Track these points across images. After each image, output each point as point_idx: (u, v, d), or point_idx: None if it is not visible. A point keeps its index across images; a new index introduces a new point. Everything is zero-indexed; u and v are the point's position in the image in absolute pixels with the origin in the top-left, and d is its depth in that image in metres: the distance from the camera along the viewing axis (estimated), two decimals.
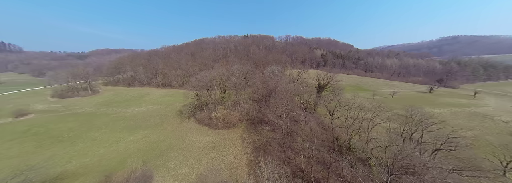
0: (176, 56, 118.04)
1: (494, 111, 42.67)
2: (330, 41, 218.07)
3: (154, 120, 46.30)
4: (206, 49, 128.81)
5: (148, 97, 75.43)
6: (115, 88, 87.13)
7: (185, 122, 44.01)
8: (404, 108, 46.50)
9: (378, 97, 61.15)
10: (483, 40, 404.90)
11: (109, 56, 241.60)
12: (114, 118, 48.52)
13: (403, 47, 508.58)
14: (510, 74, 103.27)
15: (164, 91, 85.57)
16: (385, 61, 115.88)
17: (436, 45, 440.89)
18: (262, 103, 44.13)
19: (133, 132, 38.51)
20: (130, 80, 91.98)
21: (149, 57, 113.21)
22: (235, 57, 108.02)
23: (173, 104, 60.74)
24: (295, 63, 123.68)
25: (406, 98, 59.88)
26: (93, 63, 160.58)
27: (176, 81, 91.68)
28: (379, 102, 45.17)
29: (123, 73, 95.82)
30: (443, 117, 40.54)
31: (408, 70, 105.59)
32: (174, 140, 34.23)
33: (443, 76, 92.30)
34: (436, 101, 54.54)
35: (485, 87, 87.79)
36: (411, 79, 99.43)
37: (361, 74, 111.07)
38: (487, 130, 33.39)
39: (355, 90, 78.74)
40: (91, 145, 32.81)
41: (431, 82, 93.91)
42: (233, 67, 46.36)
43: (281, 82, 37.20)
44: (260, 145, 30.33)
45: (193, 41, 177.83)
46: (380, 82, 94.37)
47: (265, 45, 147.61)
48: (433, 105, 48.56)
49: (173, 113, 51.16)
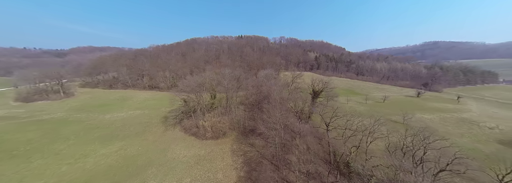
0: (165, 57, 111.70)
1: (478, 116, 44.13)
2: (323, 44, 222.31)
3: (134, 128, 41.65)
4: (198, 50, 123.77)
5: (131, 100, 69.42)
6: (93, 91, 79.42)
7: (170, 130, 40.00)
8: (397, 113, 46.91)
9: (370, 102, 61.51)
10: (459, 46, 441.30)
11: (92, 54, 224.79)
12: (87, 125, 43.01)
13: (390, 50, 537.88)
14: (485, 79, 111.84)
15: (150, 94, 79.70)
16: (375, 65, 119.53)
17: (419, 49, 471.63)
18: (254, 109, 41.60)
19: (107, 144, 33.85)
20: (112, 81, 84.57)
21: (135, 57, 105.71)
22: (228, 58, 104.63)
23: (159, 109, 55.91)
24: (289, 66, 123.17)
25: (397, 103, 60.86)
26: (73, 62, 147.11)
27: (164, 83, 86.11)
28: (375, 112, 45.71)
29: (104, 74, 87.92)
30: (432, 122, 41.03)
31: (396, 74, 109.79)
32: (154, 153, 30.34)
33: (428, 80, 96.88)
34: (425, 106, 55.88)
35: (465, 91, 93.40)
36: (399, 83, 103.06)
37: (353, 77, 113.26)
38: (475, 137, 33.78)
39: (348, 94, 79.30)
40: (52, 161, 27.86)
41: (417, 86, 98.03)
42: (224, 71, 43.24)
43: (274, 89, 34.91)
44: (251, 158, 27.64)
45: (185, 41, 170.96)
46: (371, 86, 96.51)
47: (259, 46, 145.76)
48: (423, 110, 49.38)
49: (157, 119, 46.71)
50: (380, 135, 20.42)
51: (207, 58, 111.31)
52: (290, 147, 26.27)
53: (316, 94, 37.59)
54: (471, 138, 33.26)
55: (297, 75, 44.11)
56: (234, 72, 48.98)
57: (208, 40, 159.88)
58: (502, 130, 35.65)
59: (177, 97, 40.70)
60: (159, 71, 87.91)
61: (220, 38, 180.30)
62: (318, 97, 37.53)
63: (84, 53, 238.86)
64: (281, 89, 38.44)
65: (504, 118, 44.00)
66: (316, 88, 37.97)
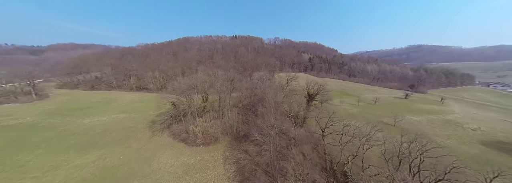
0: (155, 56, 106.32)
1: (462, 118, 46.44)
2: (317, 45, 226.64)
3: (117, 134, 38.19)
4: (190, 49, 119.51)
5: (115, 102, 64.61)
6: (72, 92, 72.95)
7: (157, 136, 37.18)
8: (388, 115, 47.94)
9: (363, 103, 62.70)
10: (440, 50, 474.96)
11: (74, 52, 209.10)
12: (62, 132, 38.75)
13: (378, 53, 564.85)
14: (464, 81, 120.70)
15: (138, 95, 74.99)
16: (366, 67, 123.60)
17: (405, 52, 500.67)
18: (248, 112, 40.07)
19: (83, 152, 30.40)
20: (94, 82, 78.33)
21: (121, 56, 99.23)
22: (222, 59, 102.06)
23: (146, 112, 52.27)
24: (283, 67, 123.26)
25: (387, 104, 62.64)
26: (51, 60, 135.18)
27: (153, 84, 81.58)
28: (367, 114, 46.10)
29: (85, 74, 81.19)
30: (421, 124, 42.37)
31: (385, 76, 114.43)
32: (138, 163, 27.65)
33: (414, 82, 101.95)
34: (413, 107, 58.04)
35: (447, 93, 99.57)
36: (388, 84, 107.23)
37: (345, 79, 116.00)
38: (460, 138, 35.11)
39: (341, 95, 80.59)
40: (13, 175, 24.20)
41: (404, 87, 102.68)
42: (217, 73, 41.20)
43: (269, 93, 33.65)
44: (245, 166, 26.08)
45: (177, 40, 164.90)
46: (362, 87, 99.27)
47: (254, 47, 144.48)
48: (412, 112, 51.04)
49: (143, 124, 43.43)
50: (377, 141, 19.92)
51: (200, 58, 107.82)
52: (285, 153, 25.09)
53: (311, 97, 36.95)
54: (456, 140, 34.48)
55: (292, 78, 43.37)
56: (227, 74, 47.08)
57: (201, 40, 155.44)
58: (483, 131, 37.54)
59: (165, 100, 37.95)
60: (148, 71, 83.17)
61: (214, 37, 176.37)
62: (313, 100, 36.92)
63: (64, 50, 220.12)
64: (276, 93, 37.33)
65: (484, 119, 46.79)
66: (311, 91, 37.35)
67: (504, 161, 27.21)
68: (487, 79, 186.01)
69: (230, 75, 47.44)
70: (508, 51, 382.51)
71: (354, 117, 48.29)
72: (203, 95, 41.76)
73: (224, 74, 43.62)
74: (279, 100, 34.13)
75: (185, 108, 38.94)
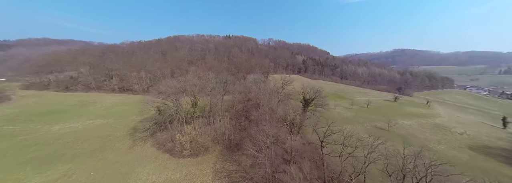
0: (142, 55, 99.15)
1: (448, 122, 48.28)
2: (310, 47, 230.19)
3: (90, 144, 33.46)
4: (181, 49, 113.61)
5: (93, 106, 58.25)
6: (41, 94, 64.63)
7: (138, 145, 33.15)
8: (380, 119, 48.37)
9: (356, 107, 63.21)
10: (421, 54, 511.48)
11: (48, 48, 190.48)
12: (21, 141, 33.11)
13: (367, 56, 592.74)
14: (445, 84, 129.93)
15: (120, 98, 68.70)
16: (357, 69, 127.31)
17: (391, 55, 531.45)
18: (242, 118, 37.54)
19: (45, 168, 25.70)
20: (69, 82, 70.22)
21: (102, 54, 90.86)
22: (215, 59, 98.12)
23: (128, 117, 47.23)
24: (277, 68, 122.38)
25: (379, 108, 63.83)
26: (19, 57, 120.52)
27: (138, 85, 75.48)
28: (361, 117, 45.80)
29: (58, 73, 72.61)
30: (412, 128, 43.10)
31: (375, 79, 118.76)
32: (112, 181, 23.75)
33: (401, 85, 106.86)
34: (403, 111, 59.68)
35: (430, 95, 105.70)
36: (378, 87, 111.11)
37: (338, 81, 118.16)
38: (450, 143, 35.85)
39: (335, 98, 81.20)
40: None
41: (392, 90, 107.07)
42: (209, 75, 38.11)
43: (263, 98, 31.45)
44: (238, 182, 23.50)
45: (167, 38, 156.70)
46: (354, 90, 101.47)
47: (248, 47, 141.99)
48: (403, 116, 52.15)
49: (124, 131, 38.87)
50: (380, 155, 18.57)
51: (191, 58, 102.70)
52: (282, 166, 22.99)
53: (307, 102, 35.45)
54: (447, 145, 35.10)
55: (287, 82, 41.70)
56: (220, 77, 44.12)
57: (192, 39, 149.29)
58: (470, 135, 38.91)
59: (149, 105, 34.03)
60: (133, 71, 76.75)
61: (207, 37, 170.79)
62: (309, 105, 35.45)
63: (37, 46, 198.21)
64: (271, 97, 35.24)
65: (467, 122, 49.19)
66: (308, 96, 35.87)
67: (494, 167, 27.75)
68: (463, 82, 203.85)
69: (222, 78, 44.47)
70: (479, 56, 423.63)
71: (348, 121, 48.03)
72: (192, 100, 38.36)
73: (215, 77, 40.60)
74: (274, 105, 32.05)
75: (172, 113, 35.33)
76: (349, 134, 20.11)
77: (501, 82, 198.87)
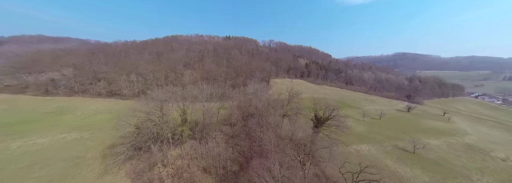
0: (135, 56, 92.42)
1: (480, 141, 41.89)
2: (311, 50, 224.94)
3: (48, 170, 26.52)
4: (177, 50, 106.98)
5: (73, 113, 51.25)
6: (15, 98, 57.38)
7: (110, 174, 26.27)
8: (400, 136, 41.81)
9: (367, 118, 56.77)
10: (422, 58, 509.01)
11: (41, 45, 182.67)
12: None
13: (368, 58, 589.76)
14: (455, 92, 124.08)
15: (107, 103, 61.69)
16: (363, 74, 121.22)
17: (392, 59, 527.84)
18: (241, 135, 30.79)
19: None
20: (50, 85, 63.09)
21: (91, 54, 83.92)
22: (213, 62, 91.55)
23: (109, 130, 40.11)
24: (279, 72, 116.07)
25: (393, 120, 57.39)
26: (9, 54, 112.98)
27: (128, 90, 68.57)
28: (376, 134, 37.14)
29: (37, 74, 65.48)
30: (442, 151, 36.53)
31: (382, 85, 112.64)
32: None
33: (410, 92, 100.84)
34: (422, 125, 53.26)
35: (442, 104, 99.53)
36: (385, 94, 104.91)
37: (343, 86, 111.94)
38: (496, 174, 29.40)
39: (342, 107, 74.51)
40: None
41: (401, 97, 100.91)
42: (202, 86, 31.46)
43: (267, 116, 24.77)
44: None
45: (164, 38, 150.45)
46: (361, 97, 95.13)
47: (248, 49, 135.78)
48: (424, 133, 45.67)
49: (97, 152, 31.92)
50: None
51: (188, 60, 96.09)
52: None
53: (320, 121, 28.77)
54: (493, 176, 28.54)
55: (295, 94, 35.13)
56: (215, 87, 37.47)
57: (191, 39, 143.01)
58: None
59: (124, 122, 27.25)
60: (122, 74, 69.86)
61: (206, 37, 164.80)
62: (322, 125, 28.75)
63: (30, 43, 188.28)
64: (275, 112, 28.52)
65: (502, 142, 42.72)
66: (320, 113, 29.20)
67: None
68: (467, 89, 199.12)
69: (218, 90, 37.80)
70: (480, 61, 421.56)
71: (363, 138, 41.46)
72: (181, 115, 31.60)
73: (210, 88, 33.93)
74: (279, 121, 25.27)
75: (156, 131, 28.55)
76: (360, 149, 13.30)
77: (507, 89, 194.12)
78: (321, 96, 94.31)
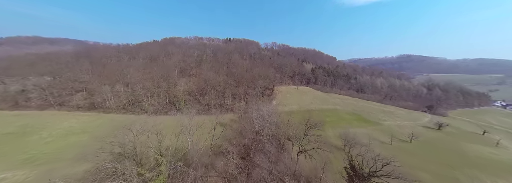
0: (125, 62, 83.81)
1: None
2: (316, 53, 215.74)
3: None
4: (173, 54, 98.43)
5: (38, 134, 42.36)
6: None
7: None
8: (451, 175, 31.40)
9: (396, 142, 46.36)
10: (428, 61, 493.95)
11: (36, 47, 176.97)
12: None
13: (371, 61, 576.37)
14: (481, 102, 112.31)
15: (85, 119, 52.65)
16: (375, 81, 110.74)
17: (396, 61, 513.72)
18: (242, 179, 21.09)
19: None
20: (20, 97, 54.42)
21: (76, 59, 75.48)
22: (212, 68, 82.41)
23: (76, 162, 30.78)
24: (283, 78, 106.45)
25: (428, 144, 46.90)
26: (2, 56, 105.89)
27: (113, 102, 59.50)
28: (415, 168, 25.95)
29: (5, 85, 56.86)
30: None
31: (399, 94, 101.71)
32: None
33: (432, 102, 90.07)
34: (469, 152, 42.66)
35: (468, 116, 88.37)
36: (402, 103, 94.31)
37: (354, 95, 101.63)
38: None
39: (358, 121, 64.41)
40: None
41: (421, 107, 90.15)
42: (183, 120, 21.96)
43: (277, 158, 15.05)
44: None
45: (162, 40, 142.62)
46: (376, 108, 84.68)
47: (250, 53, 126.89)
48: (479, 168, 35.18)
49: None
50: None
51: (185, 66, 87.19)
52: None
53: (359, 178, 18.76)
54: None
55: (314, 125, 25.32)
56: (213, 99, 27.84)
57: (189, 42, 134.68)
58: None
59: None
60: (106, 84, 60.99)
61: (205, 40, 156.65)
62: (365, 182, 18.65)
63: (25, 45, 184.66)
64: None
65: None
66: (359, 166, 19.17)
67: None
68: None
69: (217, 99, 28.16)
70: (490, 64, 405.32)
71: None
72: (157, 158, 21.99)
73: (191, 119, 24.30)
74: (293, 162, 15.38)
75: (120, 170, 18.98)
76: None
77: None
78: (331, 106, 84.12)
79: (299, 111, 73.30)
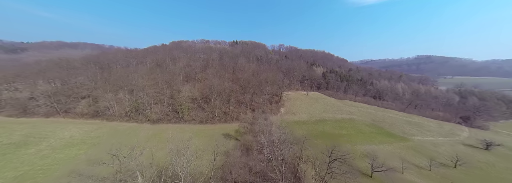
0: (133, 67, 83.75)
1: None
2: (325, 55, 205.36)
3: None
4: (179, 59, 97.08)
5: (37, 146, 41.01)
6: None
7: None
8: None
9: (436, 166, 37.84)
10: (451, 62, 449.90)
11: (59, 51, 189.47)
12: None
13: (384, 62, 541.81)
14: None
15: (87, 128, 51.12)
16: (395, 86, 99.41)
17: (414, 63, 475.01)
18: None
19: None
20: (28, 103, 54.71)
21: (86, 64, 76.50)
22: (216, 74, 78.88)
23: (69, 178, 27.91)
24: (292, 83, 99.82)
25: (479, 172, 37.77)
26: (27, 59, 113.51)
27: (115, 109, 57.86)
28: None
29: (13, 91, 57.75)
30: None
31: (427, 103, 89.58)
32: None
33: (468, 113, 77.42)
34: None
35: None
36: (429, 113, 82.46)
37: (371, 102, 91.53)
38: None
39: (380, 135, 55.81)
40: None
41: (453, 118, 77.96)
42: (179, 153, 17.36)
43: None
44: None
45: (170, 44, 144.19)
46: (399, 118, 74.49)
47: (257, 56, 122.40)
48: None
49: None
50: None
51: (190, 70, 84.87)
52: None
53: None
54: None
55: (335, 160, 19.37)
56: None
57: (195, 45, 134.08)
58: None
59: None
60: (110, 91, 59.78)
61: (212, 43, 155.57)
62: None
63: (49, 49, 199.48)
64: None
65: None
66: None
67: None
68: None
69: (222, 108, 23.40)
70: None
71: None
72: None
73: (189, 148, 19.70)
74: None
75: None
76: None
77: None
78: (347, 116, 75.52)
79: (309, 121, 66.27)
